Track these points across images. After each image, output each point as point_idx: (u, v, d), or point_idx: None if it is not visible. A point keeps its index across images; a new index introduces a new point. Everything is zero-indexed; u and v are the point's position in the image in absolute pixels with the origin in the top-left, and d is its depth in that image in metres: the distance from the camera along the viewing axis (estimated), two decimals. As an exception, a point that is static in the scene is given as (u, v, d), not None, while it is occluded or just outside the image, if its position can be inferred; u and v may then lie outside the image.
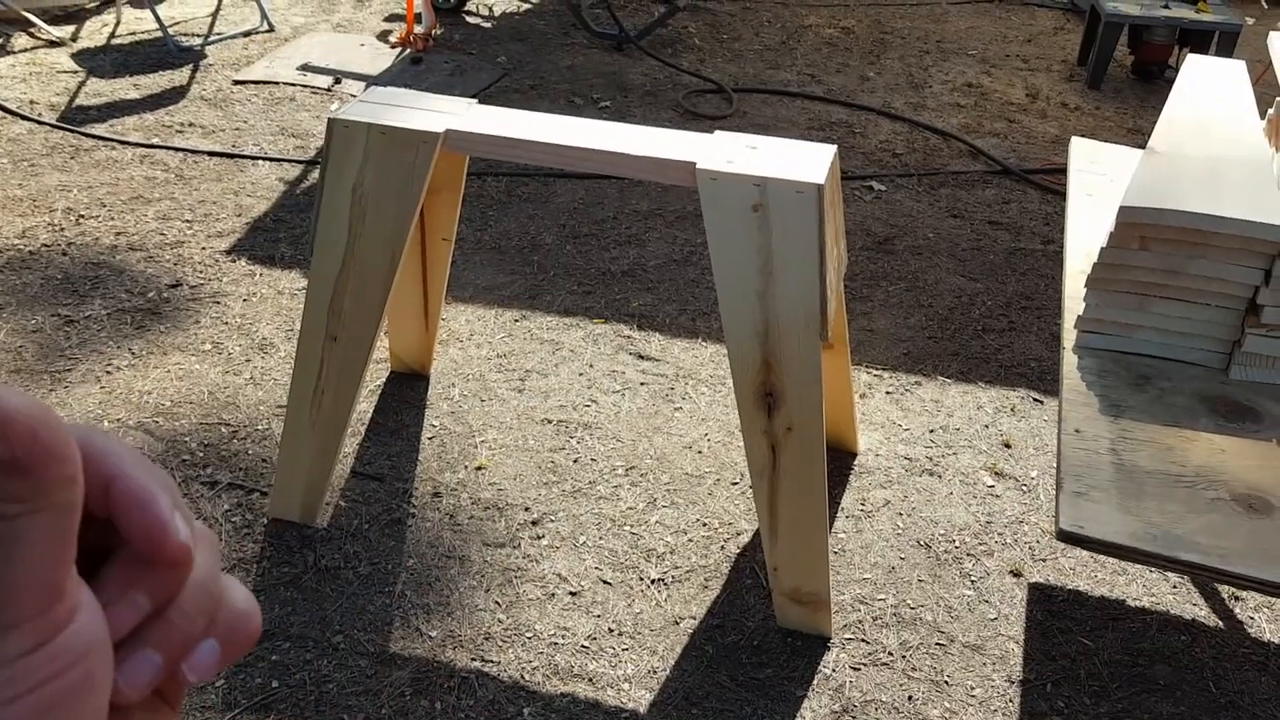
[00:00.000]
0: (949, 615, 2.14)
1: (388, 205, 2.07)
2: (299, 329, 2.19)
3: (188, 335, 2.90)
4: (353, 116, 2.06)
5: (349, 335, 2.17)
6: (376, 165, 2.05)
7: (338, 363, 2.19)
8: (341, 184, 2.08)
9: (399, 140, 2.03)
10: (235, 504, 2.35)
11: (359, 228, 2.10)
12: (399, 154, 2.04)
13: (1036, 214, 3.77)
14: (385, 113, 2.09)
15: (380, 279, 2.13)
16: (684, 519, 2.36)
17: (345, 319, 2.16)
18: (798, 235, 1.90)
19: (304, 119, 4.21)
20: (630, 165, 1.99)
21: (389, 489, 2.42)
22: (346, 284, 2.14)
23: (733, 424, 2.67)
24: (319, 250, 2.13)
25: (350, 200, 2.08)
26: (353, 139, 2.05)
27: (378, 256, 2.11)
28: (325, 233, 2.11)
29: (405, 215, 2.08)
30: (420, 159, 2.04)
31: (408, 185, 2.06)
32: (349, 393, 2.21)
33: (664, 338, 3.01)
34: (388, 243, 2.10)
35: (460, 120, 2.08)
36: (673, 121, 4.41)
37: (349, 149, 2.06)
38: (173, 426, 2.56)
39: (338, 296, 2.15)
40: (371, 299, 2.14)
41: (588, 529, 2.32)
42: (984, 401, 2.81)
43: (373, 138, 2.04)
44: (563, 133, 2.05)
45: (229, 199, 3.61)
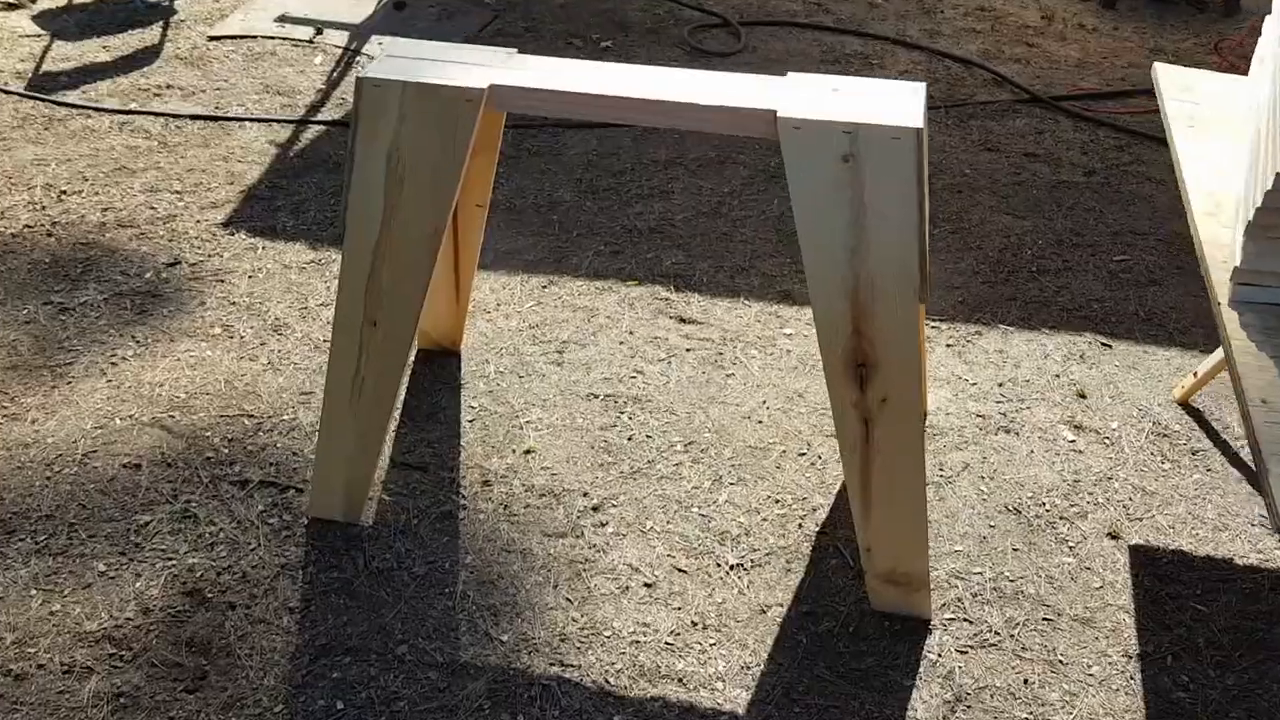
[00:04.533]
0: (1052, 586, 2.01)
1: (427, 172, 1.87)
2: (332, 313, 2.00)
3: (194, 318, 2.69)
4: (384, 74, 1.85)
5: (389, 318, 1.97)
6: (414, 128, 1.84)
7: (378, 348, 2.00)
8: (374, 151, 1.87)
9: (439, 99, 1.82)
10: (270, 504, 2.17)
11: (396, 199, 1.89)
12: (439, 115, 1.83)
13: (1072, 143, 3.60)
14: (419, 68, 1.88)
15: (422, 255, 1.93)
16: (754, 496, 2.21)
17: (385, 301, 1.96)
18: (894, 186, 1.72)
19: (288, 74, 3.95)
20: (701, 117, 1.79)
21: (434, 479, 2.24)
22: (384, 262, 1.94)
23: (791, 389, 2.51)
24: (352, 226, 1.93)
25: (385, 168, 1.88)
26: (385, 100, 1.84)
27: (418, 230, 1.91)
28: (358, 206, 1.91)
29: (448, 183, 1.88)
30: (463, 119, 1.83)
31: (450, 149, 1.85)
32: (392, 380, 2.03)
33: (703, 298, 2.83)
34: (429, 215, 1.90)
35: (504, 74, 1.87)
36: (679, 61, 4.18)
37: (381, 111, 1.85)
38: (191, 421, 2.36)
39: (375, 276, 1.95)
40: (413, 278, 1.94)
41: (653, 513, 2.16)
42: (1050, 349, 2.65)
43: (408, 97, 1.83)
44: (621, 83, 1.85)
45: (219, 166, 3.37)
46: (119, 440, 2.30)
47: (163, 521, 2.12)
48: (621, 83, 1.85)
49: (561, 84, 1.84)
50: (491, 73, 1.87)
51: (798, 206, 1.77)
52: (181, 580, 1.99)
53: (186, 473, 2.23)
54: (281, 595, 1.97)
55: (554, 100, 1.82)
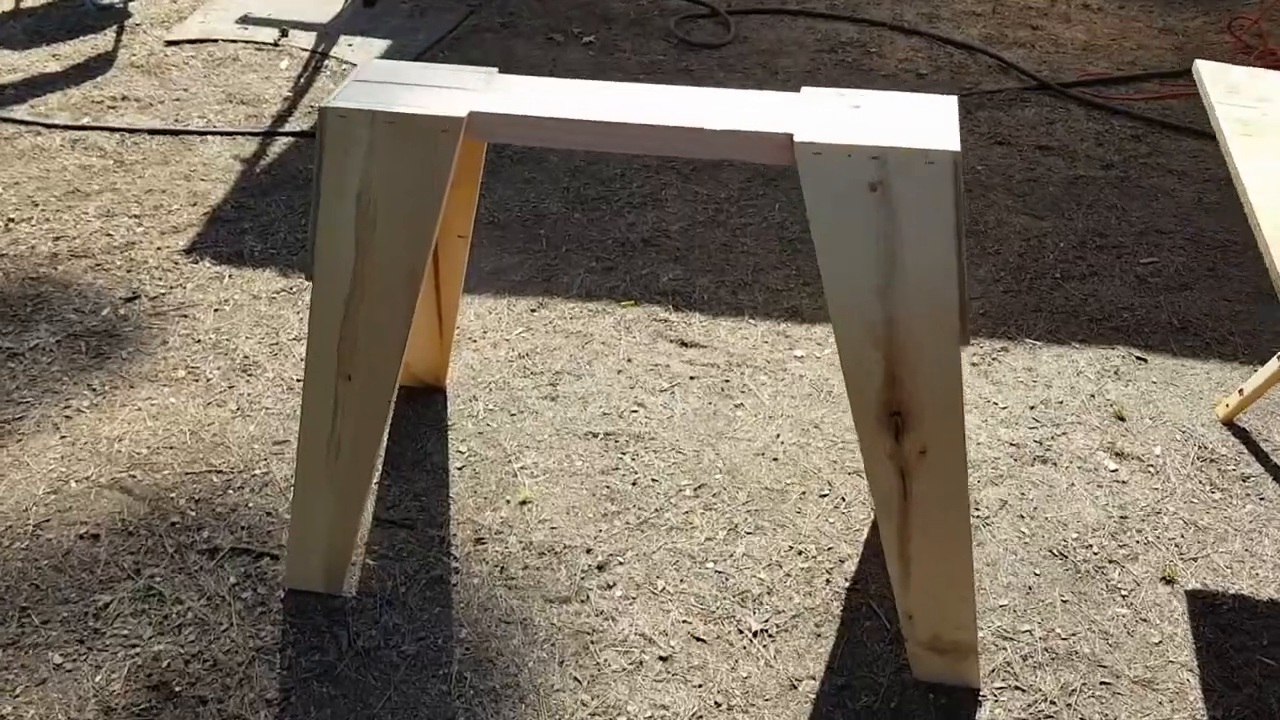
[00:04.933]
0: (1107, 644, 1.83)
1: (402, 212, 1.66)
2: (305, 349, 1.79)
3: (155, 360, 2.48)
4: (349, 103, 1.64)
5: (366, 371, 1.77)
6: (385, 163, 1.64)
7: (355, 404, 1.80)
8: (342, 189, 1.66)
9: (412, 130, 1.62)
10: (243, 575, 1.97)
11: (368, 242, 1.69)
12: (413, 147, 1.63)
13: (1086, 134, 3.41)
14: (388, 94, 1.67)
15: (399, 302, 1.72)
16: (774, 547, 2.02)
17: (360, 353, 1.76)
18: (929, 217, 1.52)
19: (252, 81, 3.71)
20: (709, 143, 1.59)
21: (422, 538, 2.05)
22: (358, 311, 1.74)
23: (806, 420, 2.32)
24: (320, 271, 1.72)
25: (355, 208, 1.67)
26: (352, 132, 1.63)
27: (394, 275, 1.70)
28: (326, 250, 1.70)
29: (425, 223, 1.67)
30: (440, 152, 1.63)
31: (426, 185, 1.65)
32: (372, 438, 1.83)
33: (705, 318, 2.64)
34: (405, 258, 1.69)
35: (484, 98, 1.67)
36: (666, 54, 3.97)
37: (348, 145, 1.64)
38: (154, 482, 2.16)
39: (349, 326, 1.75)
40: (390, 327, 1.74)
41: (664, 571, 1.98)
42: (1082, 365, 2.47)
43: (378, 129, 1.62)
44: (616, 106, 1.64)
45: (180, 185, 3.14)
46: (75, 507, 2.10)
47: (124, 601, 1.92)
48: (616, 106, 1.65)
49: (549, 109, 1.64)
50: (470, 98, 1.67)
51: (820, 240, 1.57)
52: (146, 671, 1.80)
53: (150, 542, 2.03)
54: (258, 685, 1.78)
55: (541, 127, 1.62)
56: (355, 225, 1.68)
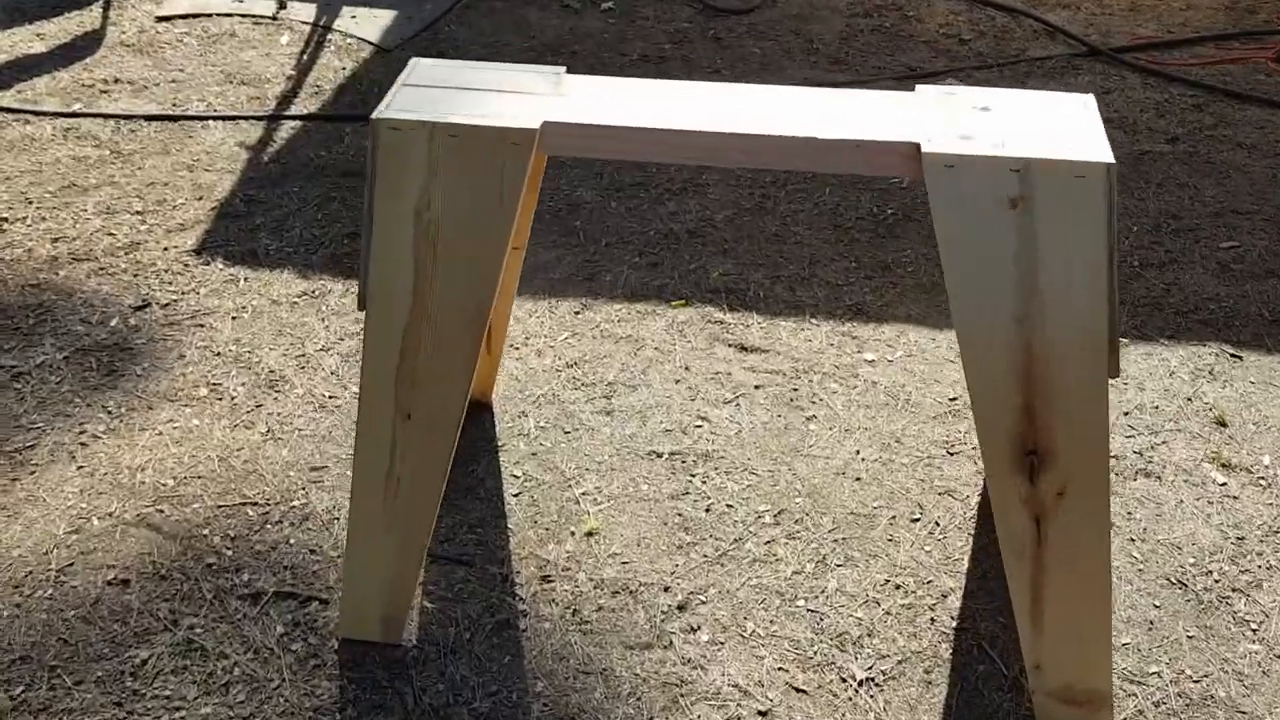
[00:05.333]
0: (1243, 686, 1.69)
1: (468, 235, 1.47)
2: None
3: (173, 377, 2.28)
4: (403, 113, 1.44)
5: (428, 410, 1.59)
6: (448, 182, 1.44)
7: (416, 444, 1.62)
8: (398, 210, 1.47)
9: (478, 145, 1.42)
10: (291, 623, 1.80)
11: (429, 268, 1.50)
12: (479, 164, 1.43)
13: (1145, 104, 3.23)
14: (445, 101, 1.47)
15: (464, 335, 1.54)
16: (869, 581, 1.87)
17: (421, 389, 1.58)
18: (1076, 236, 1.35)
19: (252, 59, 3.48)
20: (821, 156, 1.40)
21: (482, 576, 1.88)
22: (419, 343, 1.55)
23: (885, 433, 2.15)
24: (374, 304, 1.53)
25: (413, 231, 1.48)
26: (408, 147, 1.43)
27: (459, 304, 1.52)
28: (381, 277, 1.51)
29: (494, 246, 1.49)
30: (511, 169, 1.43)
31: (494, 205, 1.46)
32: (435, 477, 1.65)
33: (763, 318, 2.46)
34: (472, 286, 1.51)
35: (555, 105, 1.47)
36: (691, 21, 3.75)
37: (405, 161, 1.44)
38: (184, 516, 1.97)
39: (408, 361, 1.56)
40: (454, 362, 1.56)
41: (752, 611, 1.82)
42: (1174, 364, 2.31)
43: (439, 144, 1.43)
44: (705, 113, 1.45)
45: (182, 177, 2.93)
46: (100, 548, 1.91)
47: (163, 657, 1.74)
48: (706, 113, 1.45)
49: (632, 117, 1.44)
50: (539, 104, 1.47)
51: (949, 262, 1.39)
52: (192, 742, 1.63)
53: (185, 587, 1.85)
54: (318, 755, 1.62)
55: (625, 140, 1.42)
56: (414, 250, 1.49)
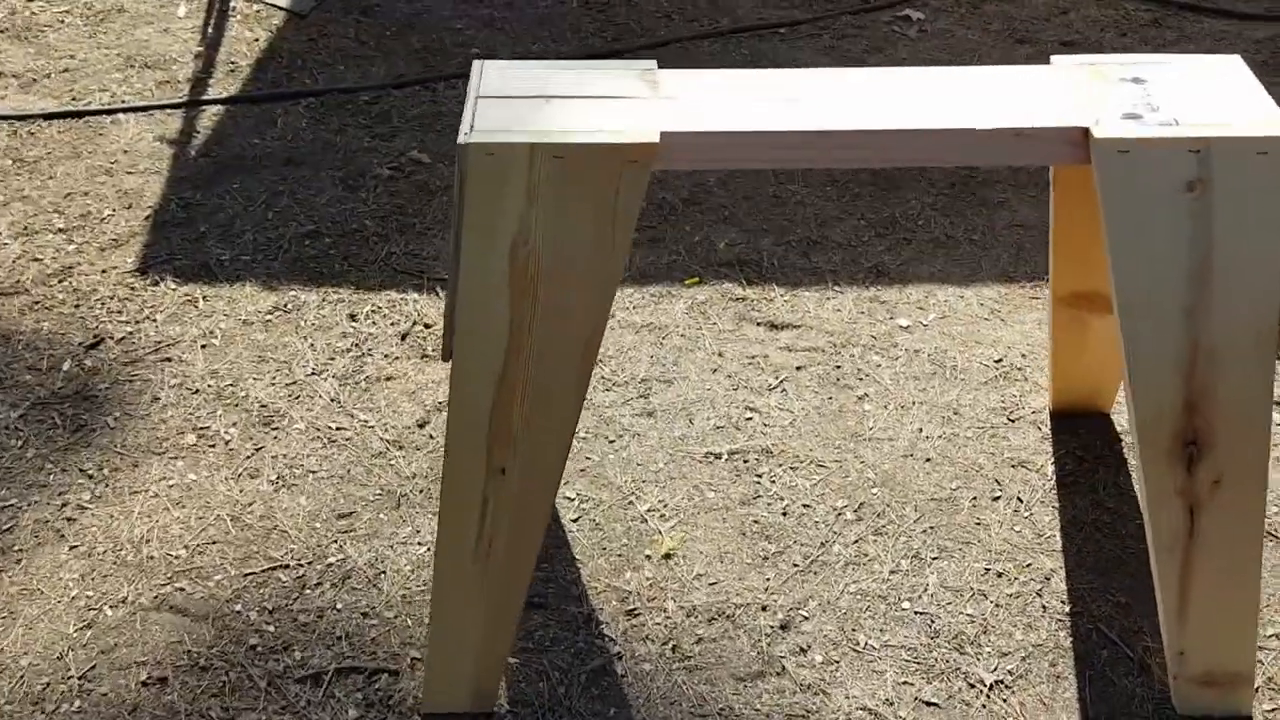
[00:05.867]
0: (1360, 640, 1.69)
1: (575, 267, 1.28)
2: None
3: (152, 425, 2.01)
4: (495, 134, 1.22)
5: (525, 464, 1.40)
6: (552, 208, 1.25)
7: (511, 501, 1.43)
8: (493, 246, 1.27)
9: (588, 164, 1.23)
10: (364, 702, 1.60)
11: (528, 307, 1.30)
12: (589, 186, 1.24)
13: (1104, 22, 3.18)
14: (537, 115, 1.26)
15: (570, 380, 1.35)
16: (970, 572, 1.78)
17: (518, 443, 1.39)
18: (1256, 218, 1.25)
19: (150, 37, 3.09)
20: (980, 148, 1.26)
21: (562, 618, 1.72)
22: (515, 394, 1.36)
23: (941, 404, 2.06)
24: (463, 344, 1.33)
25: (509, 267, 1.28)
26: (506, 173, 1.23)
27: (563, 347, 1.33)
28: (471, 324, 1.31)
29: (604, 278, 1.30)
30: (626, 190, 1.25)
31: (607, 233, 1.27)
32: (530, 538, 1.47)
33: (785, 290, 2.32)
34: (578, 324, 1.32)
35: (664, 110, 1.28)
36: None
37: (500, 188, 1.24)
38: (209, 592, 1.74)
39: (501, 411, 1.37)
40: (557, 410, 1.37)
41: (860, 620, 1.71)
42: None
43: (541, 166, 1.22)
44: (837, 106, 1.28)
45: (102, 184, 2.58)
46: (121, 643, 1.67)
47: (227, 764, 1.54)
48: (838, 106, 1.29)
49: (759, 119, 1.26)
50: (645, 110, 1.28)
51: (1117, 254, 1.28)
52: None
53: (232, 676, 1.63)
54: None
55: (758, 146, 1.25)
56: (510, 288, 1.29)
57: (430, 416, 2.05)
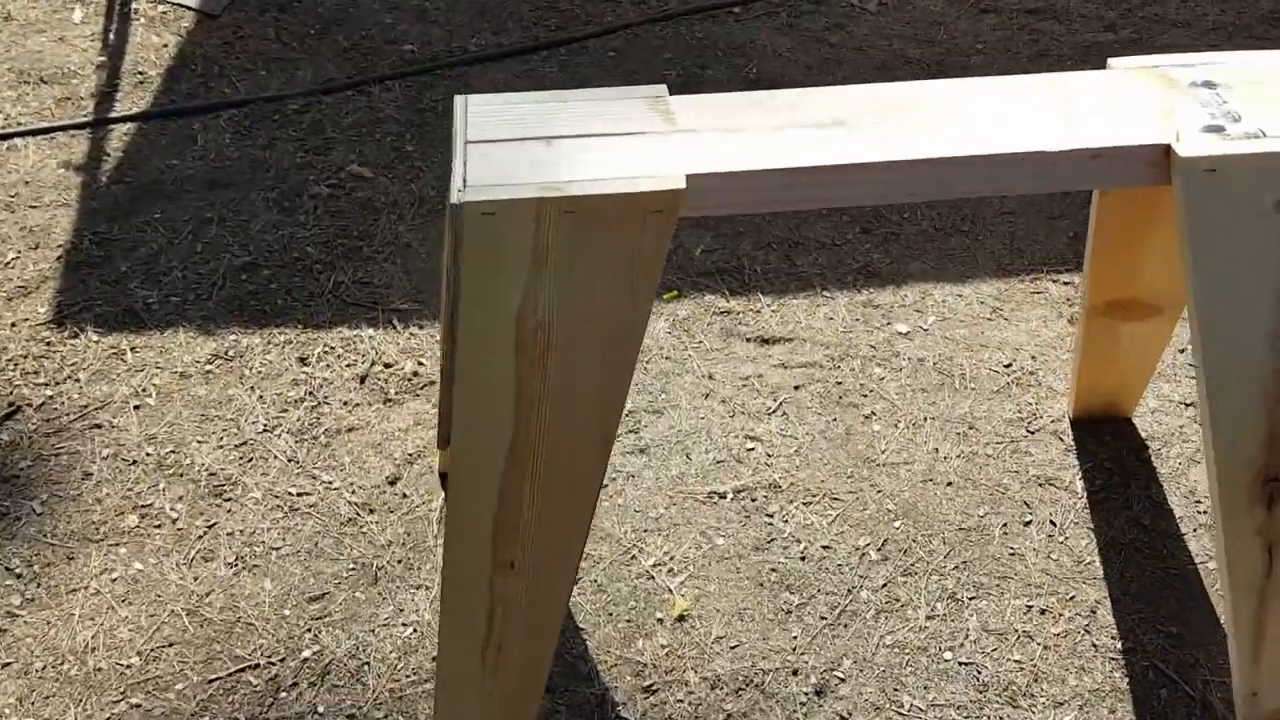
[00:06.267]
0: None
1: (592, 335, 1.10)
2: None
3: (85, 508, 1.77)
4: (496, 188, 1.02)
5: (538, 557, 1.22)
6: (565, 271, 1.05)
7: (522, 599, 1.25)
8: (495, 318, 1.07)
9: (606, 217, 1.03)
10: (358, 824, 1.42)
11: (538, 385, 1.11)
12: (608, 243, 1.05)
13: (1067, -14, 3.05)
14: (539, 160, 1.06)
15: (585, 463, 1.17)
16: (1011, 611, 1.65)
17: (527, 534, 1.21)
18: (1353, 242, 1.11)
19: (43, 47, 2.78)
20: (1047, 172, 1.09)
21: (573, 702, 1.54)
22: (523, 483, 1.17)
23: (954, 418, 1.91)
24: (463, 431, 1.13)
25: (515, 339, 1.09)
26: (509, 234, 1.03)
27: (580, 425, 1.15)
28: (473, 401, 1.11)
29: (626, 346, 1.12)
30: (648, 244, 1.06)
31: (626, 295, 1.08)
32: (545, 638, 1.29)
33: (771, 299, 2.15)
34: (596, 399, 1.14)
35: (688, 147, 1.09)
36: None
37: (504, 254, 1.04)
38: (170, 706, 1.52)
39: (509, 503, 1.19)
40: (575, 494, 1.19)
41: (900, 677, 1.57)
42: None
43: (550, 224, 1.03)
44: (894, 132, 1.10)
45: (1, 221, 2.30)
46: (70, 777, 1.46)
47: None
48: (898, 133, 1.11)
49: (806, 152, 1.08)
50: (661, 147, 1.09)
51: (1198, 278, 1.13)
52: None
53: (205, 806, 1.44)
54: None
55: (808, 184, 1.07)
56: (516, 365, 1.10)
57: (401, 471, 1.85)
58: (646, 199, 1.03)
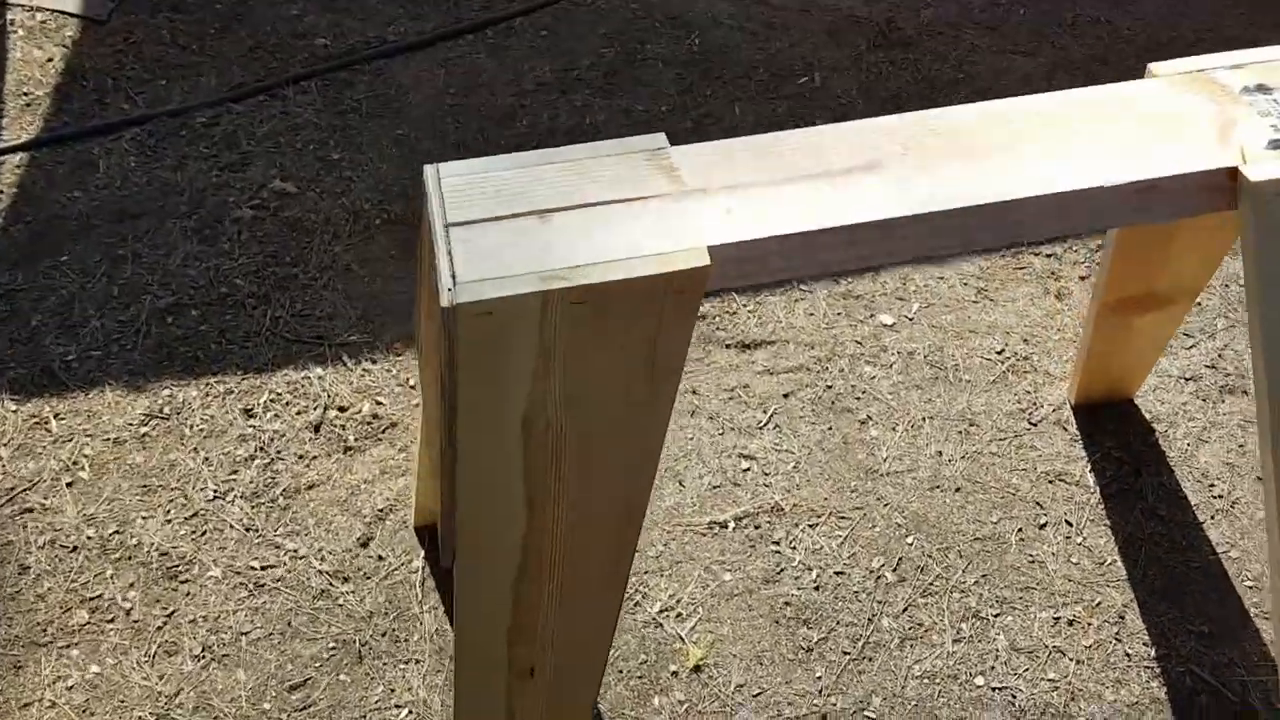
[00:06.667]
0: None
1: (609, 433, 0.96)
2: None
3: (28, 607, 1.58)
4: (492, 282, 0.87)
5: (560, 663, 1.10)
6: (578, 364, 0.92)
7: (541, 704, 1.13)
8: (500, 424, 0.93)
9: (621, 304, 0.90)
10: None
11: (550, 492, 0.98)
12: (624, 331, 0.91)
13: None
14: (534, 242, 0.91)
15: (609, 562, 1.04)
16: (1038, 625, 1.57)
17: (547, 639, 1.08)
18: None
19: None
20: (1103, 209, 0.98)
21: (594, 775, 1.44)
22: (540, 589, 1.04)
23: (953, 415, 1.81)
24: (469, 548, 1.00)
25: (524, 447, 0.95)
26: (510, 331, 0.88)
27: (599, 527, 1.02)
28: (479, 516, 0.98)
29: (647, 439, 0.98)
30: (670, 328, 0.92)
31: (645, 384, 0.95)
32: (570, 741, 1.18)
33: (746, 298, 2.03)
34: (616, 498, 1.01)
35: (710, 211, 0.95)
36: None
37: (507, 355, 0.90)
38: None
39: (525, 613, 1.06)
40: (597, 598, 1.06)
41: (936, 710, 1.48)
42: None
43: (558, 315, 0.89)
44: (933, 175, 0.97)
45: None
46: None
47: None
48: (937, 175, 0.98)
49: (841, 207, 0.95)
50: (680, 215, 0.94)
51: (1267, 306, 1.04)
52: None
53: None
54: None
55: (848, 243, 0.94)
56: (526, 473, 0.96)
57: (373, 530, 1.70)
58: (667, 280, 0.90)
